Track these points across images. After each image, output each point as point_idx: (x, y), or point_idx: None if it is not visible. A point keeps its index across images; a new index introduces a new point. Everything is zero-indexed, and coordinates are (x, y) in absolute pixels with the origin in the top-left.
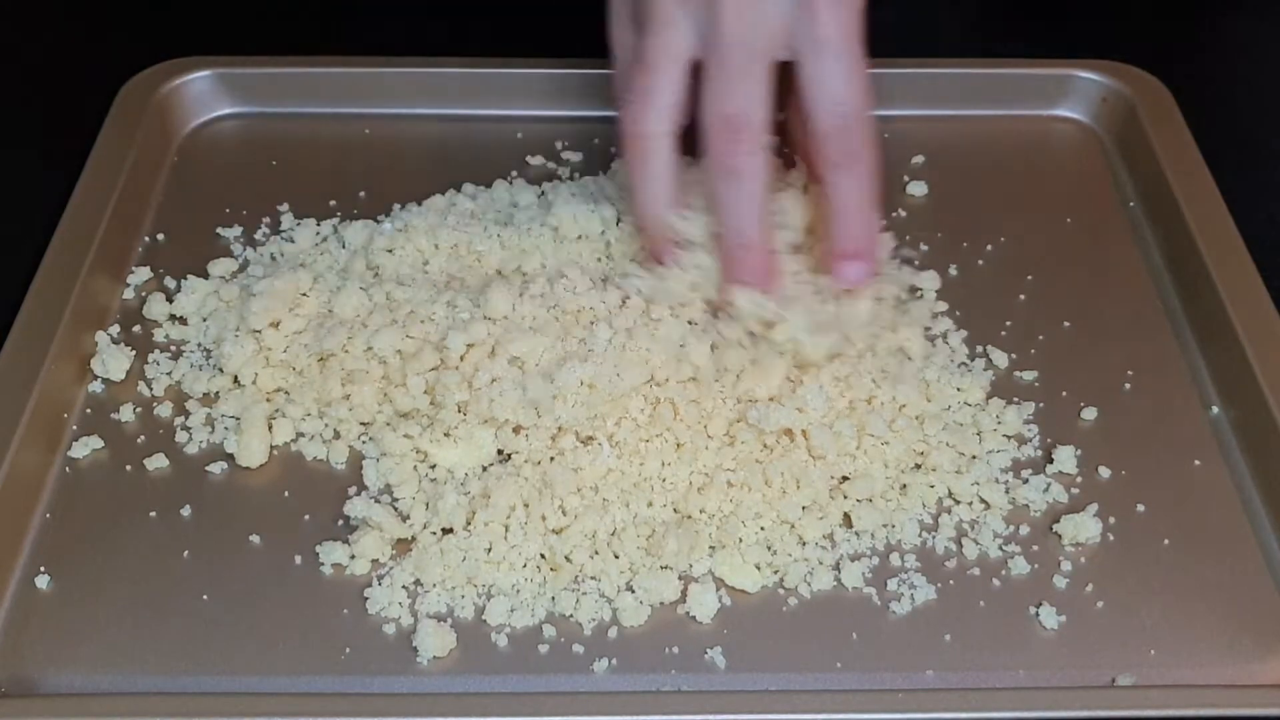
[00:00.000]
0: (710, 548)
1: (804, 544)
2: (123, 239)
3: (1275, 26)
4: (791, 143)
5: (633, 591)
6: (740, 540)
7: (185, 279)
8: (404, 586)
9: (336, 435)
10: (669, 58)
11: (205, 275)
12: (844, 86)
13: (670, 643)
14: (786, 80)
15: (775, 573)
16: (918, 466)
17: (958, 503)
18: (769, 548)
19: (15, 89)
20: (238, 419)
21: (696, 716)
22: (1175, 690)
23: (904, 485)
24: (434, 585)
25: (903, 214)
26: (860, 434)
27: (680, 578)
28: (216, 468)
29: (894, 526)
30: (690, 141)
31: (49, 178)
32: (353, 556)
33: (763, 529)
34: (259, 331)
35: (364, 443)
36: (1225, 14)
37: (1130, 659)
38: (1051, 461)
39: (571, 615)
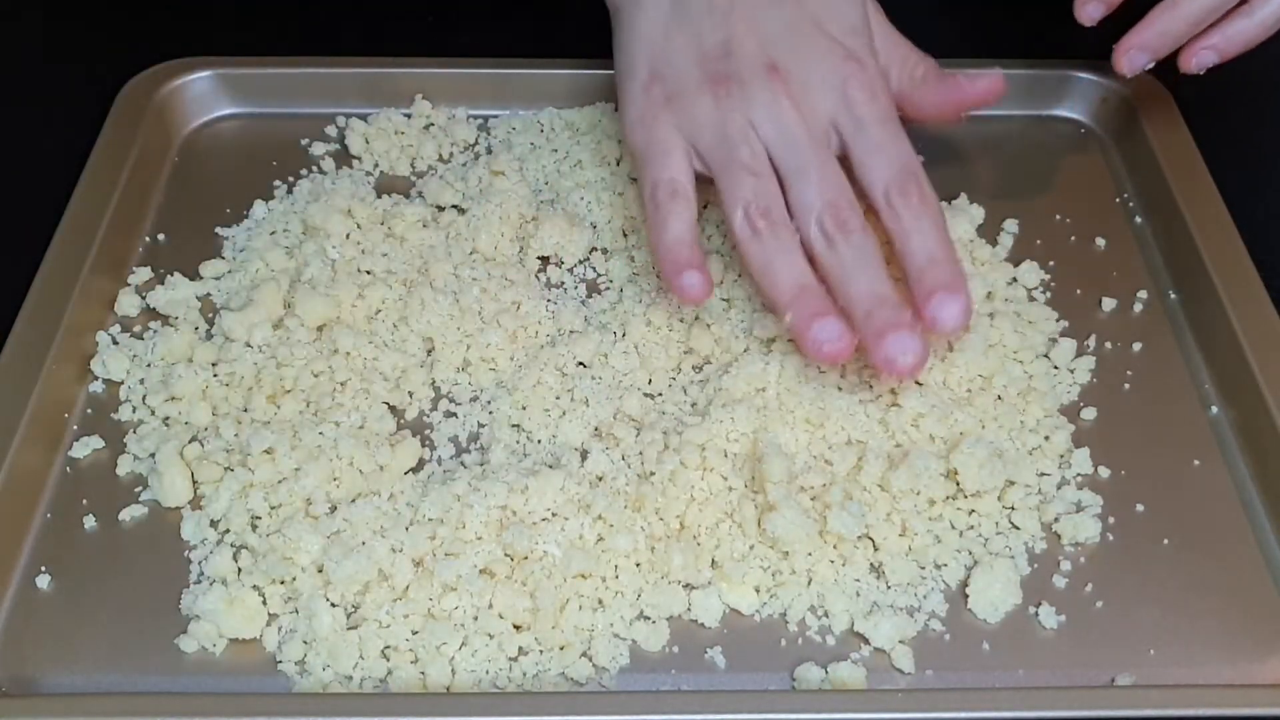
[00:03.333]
0: (712, 560)
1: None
2: (123, 239)
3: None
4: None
5: (647, 619)
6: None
7: (171, 275)
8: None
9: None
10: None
11: (200, 277)
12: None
13: (670, 643)
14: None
15: (774, 598)
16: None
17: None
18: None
19: (15, 89)
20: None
21: (696, 716)
22: (1175, 690)
23: (931, 501)
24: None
25: None
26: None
27: (684, 586)
28: None
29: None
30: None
31: (49, 178)
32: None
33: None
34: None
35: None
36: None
37: (1130, 659)
38: (1070, 465)
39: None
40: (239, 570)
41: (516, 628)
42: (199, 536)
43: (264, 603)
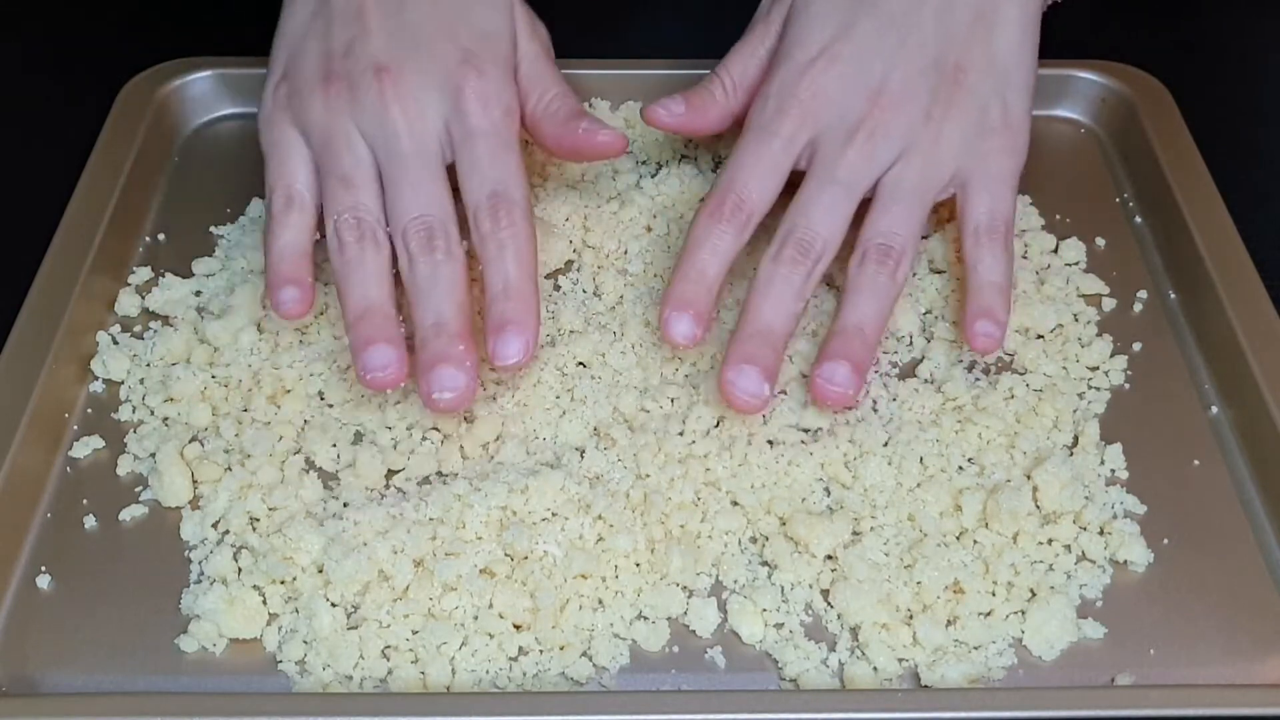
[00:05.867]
0: (713, 564)
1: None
2: (123, 239)
3: (1275, 27)
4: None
5: (646, 619)
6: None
7: (164, 275)
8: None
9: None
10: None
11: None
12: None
13: (670, 643)
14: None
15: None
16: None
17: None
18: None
19: (16, 89)
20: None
21: (696, 716)
22: (1175, 690)
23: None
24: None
25: None
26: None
27: (684, 589)
28: None
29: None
30: None
31: (49, 178)
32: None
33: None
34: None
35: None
36: (1225, 14)
37: (1130, 659)
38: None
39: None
40: (239, 570)
41: (517, 627)
42: (199, 536)
43: (264, 602)
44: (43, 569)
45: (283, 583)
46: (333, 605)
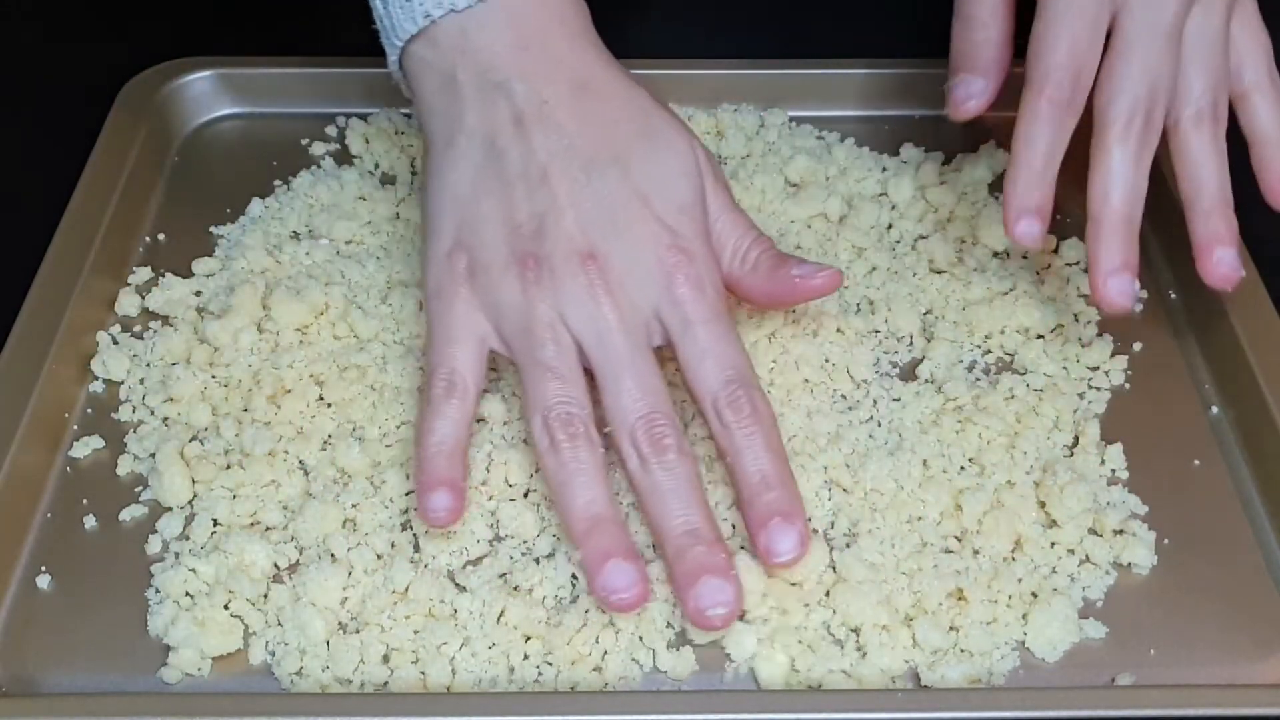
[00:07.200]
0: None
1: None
2: (123, 239)
3: (1275, 27)
4: None
5: (677, 650)
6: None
7: (164, 275)
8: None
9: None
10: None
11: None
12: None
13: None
14: None
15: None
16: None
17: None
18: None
19: (16, 89)
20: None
21: (696, 716)
22: (1175, 690)
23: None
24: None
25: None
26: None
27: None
28: None
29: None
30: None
31: (49, 178)
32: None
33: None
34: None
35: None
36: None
37: (1130, 659)
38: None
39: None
40: (208, 587)
41: (527, 638)
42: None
43: (231, 615)
44: (43, 569)
45: (261, 598)
46: (327, 609)
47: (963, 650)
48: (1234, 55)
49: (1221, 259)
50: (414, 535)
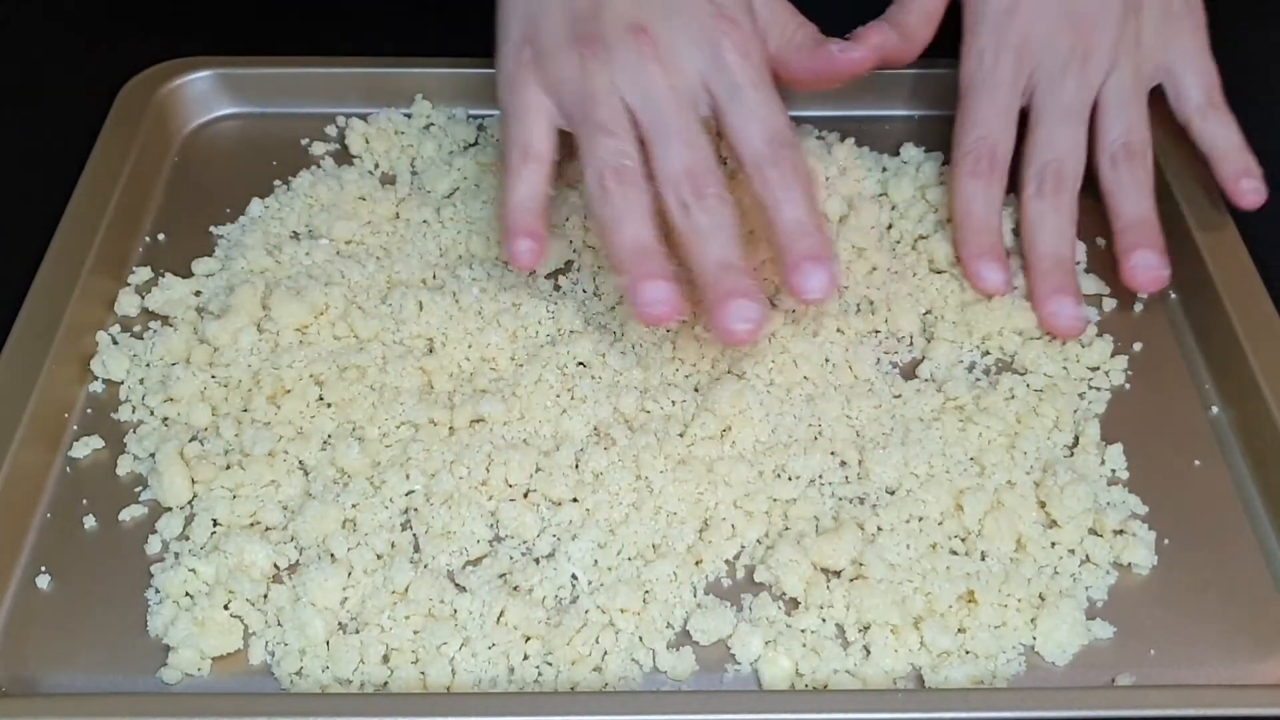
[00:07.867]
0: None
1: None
2: (123, 239)
3: (1275, 28)
4: None
5: (677, 650)
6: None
7: (164, 275)
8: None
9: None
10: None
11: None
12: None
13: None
14: None
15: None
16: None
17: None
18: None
19: (16, 89)
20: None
21: (696, 716)
22: (1175, 690)
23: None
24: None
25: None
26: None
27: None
28: None
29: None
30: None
31: (49, 178)
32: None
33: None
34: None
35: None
36: (1225, 15)
37: (1130, 659)
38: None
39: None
40: (207, 588)
41: (526, 638)
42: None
43: (231, 615)
44: (43, 569)
45: (263, 598)
46: (324, 610)
47: (968, 652)
48: (1178, 87)
49: (1138, 262)
50: (414, 536)
